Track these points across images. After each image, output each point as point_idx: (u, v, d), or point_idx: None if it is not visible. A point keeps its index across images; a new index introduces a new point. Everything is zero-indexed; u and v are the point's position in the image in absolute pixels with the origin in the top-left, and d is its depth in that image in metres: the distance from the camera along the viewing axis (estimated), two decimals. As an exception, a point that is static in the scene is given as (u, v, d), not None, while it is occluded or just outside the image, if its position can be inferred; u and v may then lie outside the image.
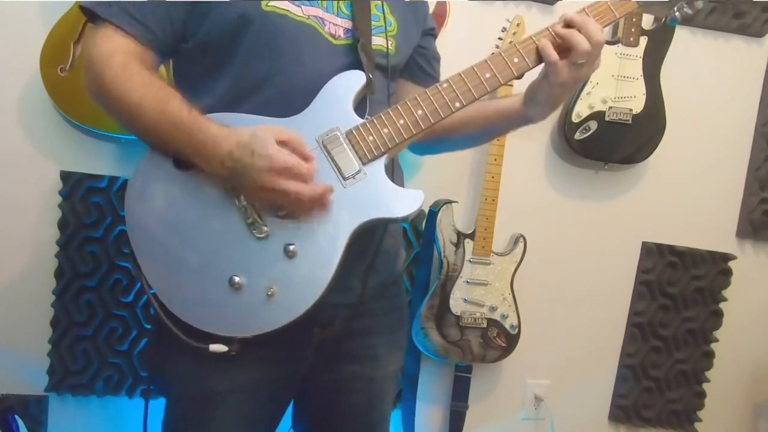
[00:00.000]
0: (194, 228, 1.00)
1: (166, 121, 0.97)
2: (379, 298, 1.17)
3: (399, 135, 1.03)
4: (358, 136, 1.02)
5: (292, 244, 0.99)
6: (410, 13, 1.21)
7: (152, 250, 1.01)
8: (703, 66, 2.13)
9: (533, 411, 2.19)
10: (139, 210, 1.02)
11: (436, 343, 1.93)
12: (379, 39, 1.12)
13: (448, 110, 1.05)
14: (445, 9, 1.86)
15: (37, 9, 1.72)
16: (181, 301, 0.99)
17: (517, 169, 2.03)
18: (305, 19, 1.06)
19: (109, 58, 1.00)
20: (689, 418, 2.26)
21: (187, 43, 1.07)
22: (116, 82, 0.99)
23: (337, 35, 1.08)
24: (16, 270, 1.82)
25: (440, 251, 1.91)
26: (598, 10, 1.09)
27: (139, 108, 0.98)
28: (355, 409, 1.21)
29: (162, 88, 1.00)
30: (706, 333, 2.23)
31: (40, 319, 1.81)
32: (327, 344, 1.12)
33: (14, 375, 1.83)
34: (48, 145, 1.79)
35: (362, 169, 1.02)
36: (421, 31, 1.25)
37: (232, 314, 0.99)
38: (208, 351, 0.98)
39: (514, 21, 1.83)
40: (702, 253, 2.19)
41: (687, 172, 2.18)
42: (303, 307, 0.99)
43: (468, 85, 1.05)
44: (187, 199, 1.00)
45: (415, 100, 1.04)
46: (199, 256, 0.99)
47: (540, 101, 1.12)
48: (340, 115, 1.03)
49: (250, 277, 0.98)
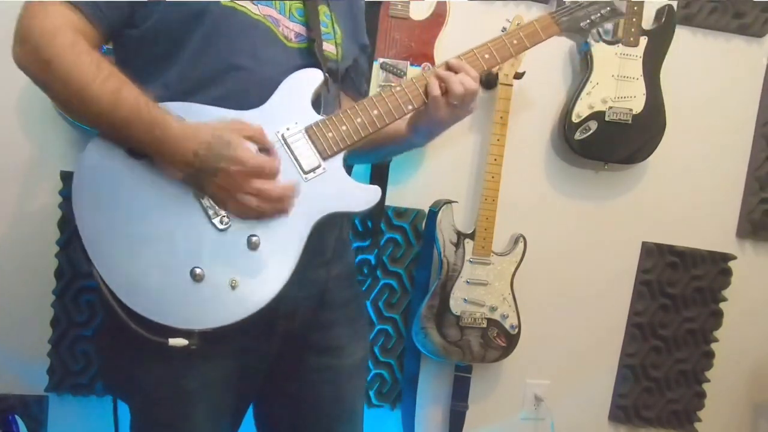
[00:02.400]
0: (152, 219, 0.97)
1: (119, 112, 0.93)
2: (338, 290, 1.19)
3: (357, 132, 1.07)
4: (317, 132, 1.05)
5: (255, 235, 0.99)
6: (352, 26, 1.25)
7: (105, 244, 0.96)
8: (703, 66, 2.13)
9: (533, 411, 2.19)
10: (89, 201, 0.97)
11: (436, 343, 1.93)
12: (328, 45, 1.15)
13: (401, 111, 1.11)
14: (445, 9, 1.87)
15: (37, 9, 1.72)
16: (138, 295, 0.95)
17: (517, 169, 2.03)
18: (261, 17, 1.07)
19: (56, 33, 0.93)
20: (689, 418, 2.26)
21: (136, 29, 1.03)
22: (63, 61, 0.93)
23: (289, 38, 1.10)
24: (16, 270, 1.81)
25: (440, 251, 1.91)
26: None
27: (88, 93, 0.93)
28: (324, 400, 1.22)
29: (113, 72, 0.95)
30: (706, 333, 2.23)
31: (40, 319, 1.81)
32: (291, 337, 1.14)
33: (14, 375, 1.83)
34: (48, 145, 1.79)
35: (322, 164, 1.04)
36: (359, 46, 1.28)
37: (193, 306, 0.96)
38: (168, 345, 0.94)
39: (514, 21, 1.83)
40: (702, 253, 2.19)
41: (687, 172, 2.17)
42: (265, 298, 0.98)
43: (419, 90, 1.11)
44: (143, 189, 0.97)
45: (371, 100, 1.09)
46: (158, 247, 0.96)
47: (420, 130, 1.20)
48: (299, 110, 1.05)
49: (212, 268, 0.97)
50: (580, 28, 1.21)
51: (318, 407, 1.22)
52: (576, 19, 1.20)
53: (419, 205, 1.99)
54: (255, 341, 1.09)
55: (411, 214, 1.99)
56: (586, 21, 1.21)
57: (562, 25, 1.19)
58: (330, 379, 1.21)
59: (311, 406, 1.22)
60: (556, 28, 1.19)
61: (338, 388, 1.23)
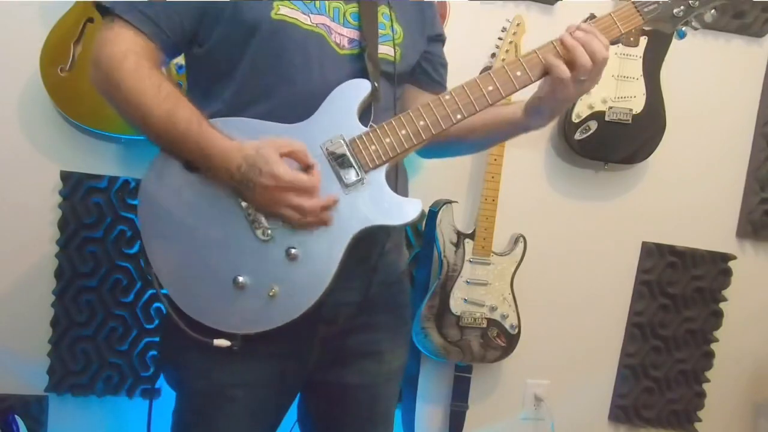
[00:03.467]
0: (202, 228, 1.03)
1: (175, 130, 1.00)
2: (382, 296, 1.19)
3: (401, 145, 1.06)
4: (360, 145, 1.05)
5: (294, 247, 1.03)
6: (417, 20, 1.23)
7: (163, 248, 1.04)
8: (703, 66, 2.13)
9: (533, 411, 2.19)
10: (151, 208, 1.05)
11: (436, 343, 1.93)
12: (385, 47, 1.14)
13: (449, 121, 1.08)
14: (445, 9, 1.86)
15: (37, 9, 1.72)
16: (188, 298, 1.03)
17: (517, 169, 2.03)
18: (313, 27, 1.08)
19: (123, 58, 1.02)
20: (689, 418, 2.26)
21: (201, 48, 1.10)
22: (127, 86, 1.01)
23: (341, 45, 1.10)
24: (16, 270, 1.82)
25: (440, 251, 1.91)
26: (604, 24, 1.10)
27: (149, 113, 1.01)
28: (360, 404, 1.24)
29: (171, 93, 1.02)
30: (706, 333, 2.23)
31: (40, 319, 1.81)
32: (332, 340, 1.15)
33: (14, 375, 1.83)
34: (48, 145, 1.79)
35: (364, 177, 1.05)
36: (428, 37, 1.26)
37: (235, 312, 1.03)
38: (212, 345, 1.02)
39: (514, 21, 1.83)
40: (702, 253, 2.19)
41: (687, 172, 2.17)
42: (302, 308, 1.03)
43: (470, 98, 1.08)
44: (196, 200, 1.04)
45: (418, 110, 1.07)
46: (207, 255, 1.03)
47: (543, 113, 1.15)
48: (344, 122, 1.06)
49: (253, 277, 1.03)
50: (673, 16, 1.12)
51: (354, 410, 1.23)
52: (667, 5, 1.11)
53: (419, 205, 1.99)
54: (295, 345, 1.12)
55: (411, 214, 1.99)
56: (680, 7, 1.11)
57: (647, 15, 1.11)
58: (368, 384, 1.22)
59: (347, 408, 1.23)
60: (639, 19, 1.11)
61: (375, 392, 1.24)
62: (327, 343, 1.15)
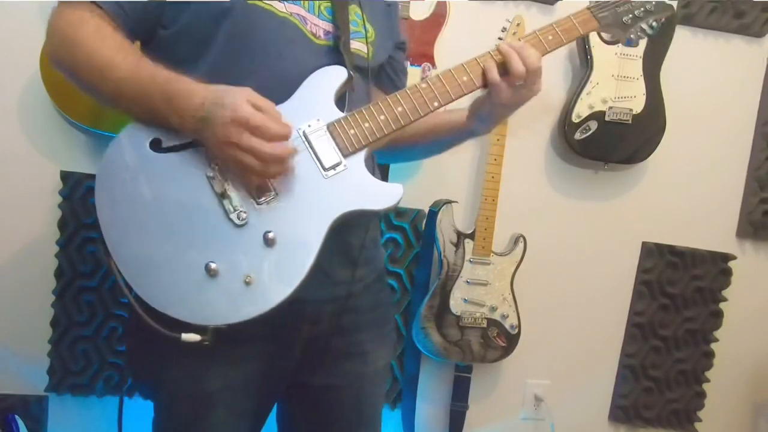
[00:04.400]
0: (170, 213, 0.97)
1: (141, 74, 0.97)
2: (365, 294, 1.18)
3: (380, 130, 1.05)
4: (339, 129, 1.03)
5: (270, 231, 0.97)
6: (386, 25, 1.24)
7: (124, 236, 0.97)
8: (703, 66, 2.13)
9: (533, 411, 2.19)
10: (110, 193, 0.98)
11: (436, 343, 1.93)
12: (357, 44, 1.14)
13: (426, 108, 1.08)
14: (445, 9, 1.87)
15: (37, 9, 1.72)
16: (154, 288, 0.96)
17: (517, 169, 2.03)
18: (288, 15, 1.07)
19: (81, 22, 0.98)
20: (689, 418, 2.26)
21: (166, 30, 1.06)
22: (87, 42, 0.98)
23: (317, 35, 1.10)
24: (16, 270, 1.81)
25: (440, 251, 1.91)
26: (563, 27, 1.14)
27: (110, 64, 0.97)
28: (344, 406, 1.22)
29: (135, 50, 1.00)
30: (706, 333, 2.23)
31: (40, 319, 1.81)
32: (316, 341, 1.13)
33: (14, 375, 1.83)
34: (48, 145, 1.79)
35: (342, 161, 1.02)
36: (394, 43, 1.29)
37: (206, 302, 0.96)
38: (180, 340, 0.94)
39: (514, 21, 1.83)
40: (702, 253, 2.19)
41: (687, 172, 2.17)
42: (279, 297, 0.96)
43: (446, 87, 1.08)
44: (163, 183, 0.98)
45: (395, 97, 1.07)
46: (176, 240, 0.96)
47: (483, 117, 1.18)
48: (322, 107, 1.04)
49: (227, 263, 0.96)
50: (623, 23, 1.17)
51: (338, 412, 1.22)
52: (618, 14, 1.17)
53: (419, 205, 1.99)
54: (279, 345, 1.09)
55: (411, 214, 1.99)
56: (629, 16, 1.17)
57: (602, 20, 1.16)
58: (352, 385, 1.21)
59: (332, 410, 1.22)
60: (595, 24, 1.16)
61: (360, 394, 1.23)
62: (311, 343, 1.13)
